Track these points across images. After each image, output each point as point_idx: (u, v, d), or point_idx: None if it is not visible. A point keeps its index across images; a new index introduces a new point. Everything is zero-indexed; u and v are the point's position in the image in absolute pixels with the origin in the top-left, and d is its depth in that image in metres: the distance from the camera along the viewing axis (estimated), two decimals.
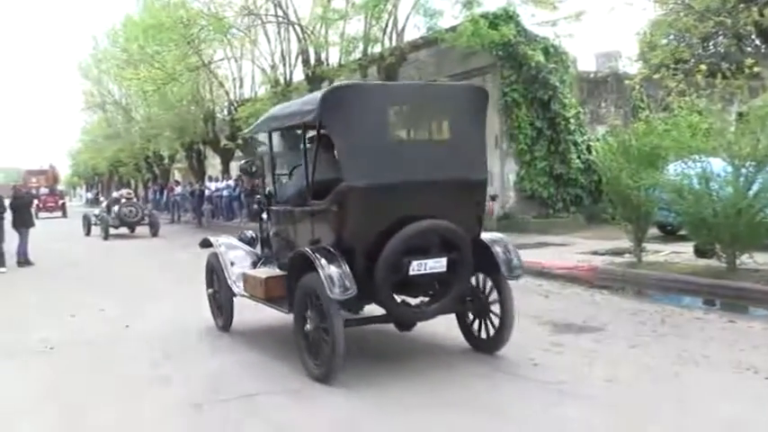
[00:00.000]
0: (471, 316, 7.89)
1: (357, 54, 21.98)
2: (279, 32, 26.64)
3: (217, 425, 5.88)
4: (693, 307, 10.09)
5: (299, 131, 7.78)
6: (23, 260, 18.22)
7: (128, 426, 5.98)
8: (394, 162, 6.85)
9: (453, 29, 18.88)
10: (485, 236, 7.52)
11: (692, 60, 16.42)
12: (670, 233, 15.60)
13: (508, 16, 19.70)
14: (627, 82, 21.18)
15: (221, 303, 9.31)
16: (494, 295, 7.55)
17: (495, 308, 7.51)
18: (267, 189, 9.07)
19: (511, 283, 7.44)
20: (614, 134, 15.13)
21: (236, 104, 31.47)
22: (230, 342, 8.72)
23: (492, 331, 7.60)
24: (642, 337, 8.20)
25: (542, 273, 13.01)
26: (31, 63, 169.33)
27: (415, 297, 7.48)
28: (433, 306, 7.26)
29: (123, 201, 28.07)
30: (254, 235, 9.51)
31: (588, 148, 20.10)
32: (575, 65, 21.37)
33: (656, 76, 15.24)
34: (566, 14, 19.21)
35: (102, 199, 42.97)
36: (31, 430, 5.96)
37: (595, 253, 14.31)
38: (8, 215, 18.31)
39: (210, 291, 9.61)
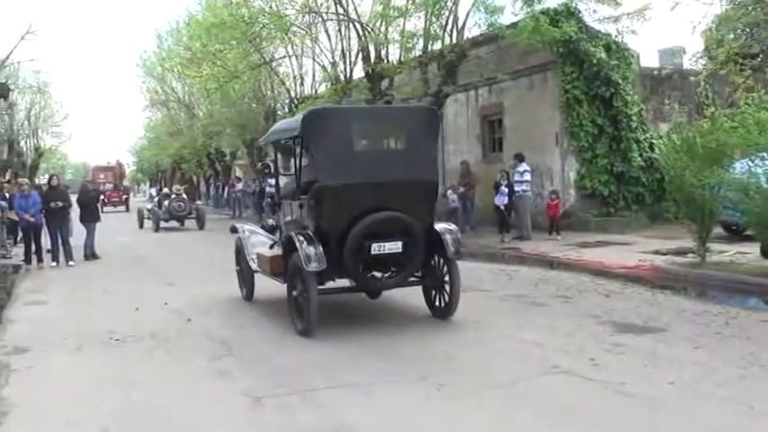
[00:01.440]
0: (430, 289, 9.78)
1: (417, 51, 21.93)
2: (339, 30, 26.70)
3: (276, 418, 5.93)
4: (759, 309, 9.85)
5: (292, 143, 9.87)
6: (90, 254, 18.66)
7: (188, 417, 6.06)
8: (358, 167, 8.94)
9: (514, 25, 18.71)
10: (438, 226, 9.41)
11: (761, 55, 15.99)
12: (735, 233, 15.24)
13: (569, 13, 19.44)
14: (691, 78, 20.82)
15: (245, 278, 11.61)
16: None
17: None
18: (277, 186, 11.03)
19: (570, 282, 8.86)
20: (678, 131, 14.85)
21: (296, 102, 31.60)
22: (291, 339, 8.78)
23: (444, 301, 9.51)
24: (705, 339, 8.03)
25: (603, 272, 12.85)
26: (97, 60, 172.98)
27: (383, 272, 9.35)
28: (391, 279, 9.32)
29: (173, 196, 30.07)
30: (273, 223, 11.34)
31: (651, 146, 19.78)
32: (637, 61, 20.99)
33: (722, 72, 14.91)
34: (629, 10, 18.91)
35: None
36: (95, 419, 6.09)
37: (657, 252, 14.06)
38: (76, 210, 18.77)
39: (237, 268, 12.07)
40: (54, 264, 17.43)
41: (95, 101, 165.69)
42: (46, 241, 17.77)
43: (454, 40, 20.76)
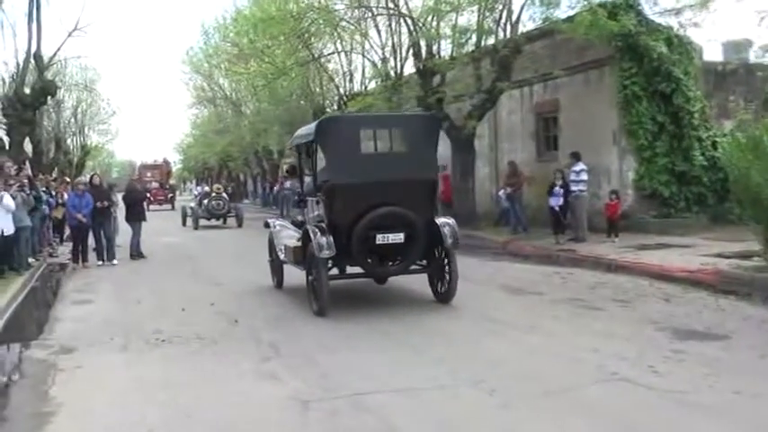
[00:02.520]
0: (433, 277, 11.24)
1: (470, 46, 21.87)
2: (390, 25, 26.74)
3: (324, 423, 5.96)
4: None
5: (310, 147, 11.45)
6: (136, 253, 18.97)
7: (235, 421, 6.12)
8: (364, 167, 10.58)
9: (570, 19, 18.52)
10: (438, 220, 10.89)
11: None
12: None
13: (628, 5, 19.16)
14: (758, 73, 20.39)
15: (275, 268, 13.29)
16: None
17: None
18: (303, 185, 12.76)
19: (627, 286, 10.39)
20: (743, 129, 14.55)
21: (346, 99, 31.75)
22: (339, 342, 8.84)
23: (445, 287, 10.95)
24: None
25: (662, 275, 12.65)
26: (144, 57, 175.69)
27: (390, 261, 10.85)
28: (394, 267, 10.88)
29: (213, 195, 31.92)
30: (302, 219, 12.62)
31: (713, 145, 19.40)
32: (700, 55, 20.61)
33: None
34: (691, 2, 18.58)
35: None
36: (142, 422, 6.19)
37: (720, 256, 13.79)
38: (121, 208, 19.12)
39: (269, 259, 13.63)
40: (100, 263, 17.79)
41: (142, 98, 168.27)
42: (91, 241, 18.14)
43: (508, 35, 20.67)
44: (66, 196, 20.12)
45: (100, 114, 53.75)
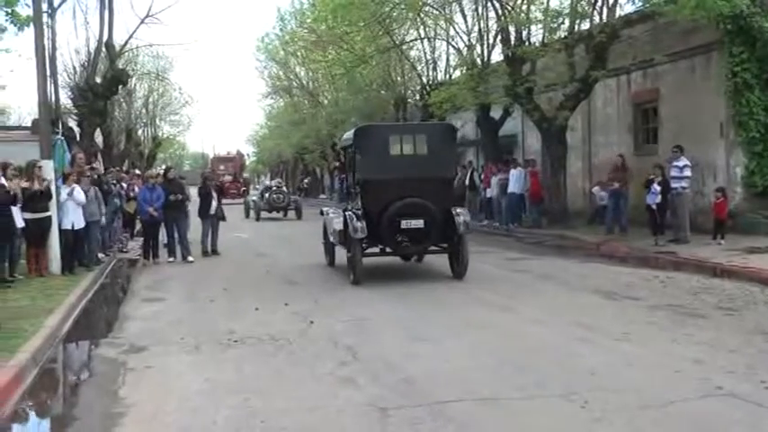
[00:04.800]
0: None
1: (562, 32, 21.63)
2: (476, 10, 26.64)
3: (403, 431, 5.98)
4: None
5: (350, 149, 15.15)
6: (211, 250, 19.27)
7: (310, 427, 6.18)
8: (392, 166, 14.01)
9: (673, 0, 18.14)
10: (453, 210, 14.03)
11: None
12: None
13: None
14: None
15: (328, 249, 16.58)
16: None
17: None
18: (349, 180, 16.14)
19: (735, 293, 10.93)
20: None
21: (428, 88, 31.75)
22: (421, 347, 8.85)
23: (458, 265, 14.14)
24: None
25: None
26: (218, 45, 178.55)
27: (414, 243, 13.93)
28: (417, 247, 14.22)
29: (273, 188, 35.76)
30: (350, 208, 15.15)
31: None
32: None
33: None
34: None
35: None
36: (212, 427, 6.29)
37: None
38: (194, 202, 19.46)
39: (323, 241, 16.78)
40: (171, 259, 18.16)
41: (215, 88, 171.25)
42: (163, 236, 18.54)
43: (604, 19, 20.37)
44: (137, 189, 20.60)
45: (172, 104, 54.66)
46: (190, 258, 18.22)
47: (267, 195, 35.04)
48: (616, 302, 11.40)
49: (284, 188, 37.04)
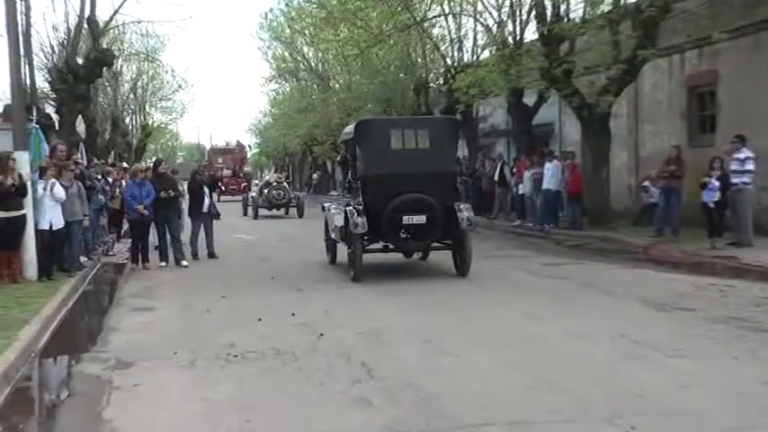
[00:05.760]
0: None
1: (606, 6, 21.55)
2: None
3: None
4: None
5: (351, 143, 16.52)
6: (208, 252, 19.31)
7: None
8: (393, 161, 15.24)
9: None
10: (456, 205, 15.22)
11: None
12: None
13: None
14: None
15: (329, 246, 17.99)
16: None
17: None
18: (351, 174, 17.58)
19: None
20: None
21: (453, 71, 31.67)
22: (444, 363, 8.85)
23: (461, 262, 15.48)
24: None
25: None
26: (215, 22, 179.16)
27: (416, 239, 15.31)
28: (419, 243, 15.67)
29: (274, 184, 36.65)
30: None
31: None
32: None
33: None
34: None
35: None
36: None
37: None
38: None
39: (325, 238, 18.28)
40: (163, 263, 18.18)
41: (213, 71, 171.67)
42: (153, 237, 18.56)
43: None
44: (124, 185, 20.58)
45: (163, 89, 54.63)
46: (184, 263, 18.26)
47: (266, 192, 35.98)
48: (667, 314, 11.35)
49: (285, 184, 37.95)
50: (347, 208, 15.87)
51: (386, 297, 13.21)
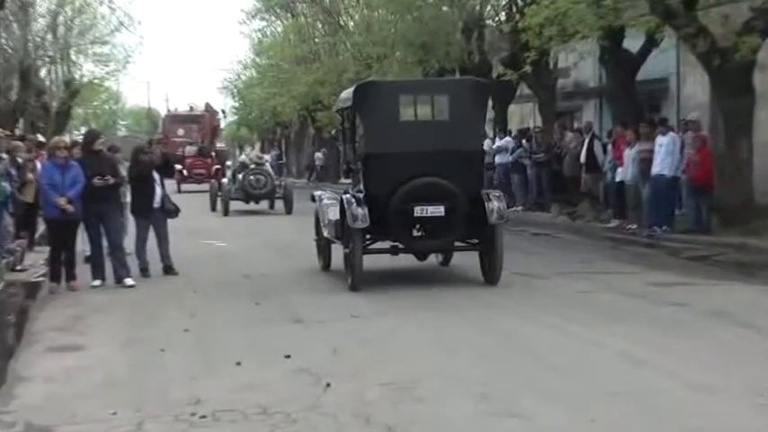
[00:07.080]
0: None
1: None
2: None
3: None
4: None
5: (349, 113, 17.84)
6: (163, 266, 19.28)
7: None
8: (403, 136, 16.35)
9: None
10: (484, 193, 16.40)
11: None
12: None
13: None
14: None
15: (321, 247, 19.22)
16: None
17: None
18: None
19: None
20: None
21: (519, 4, 31.59)
22: (505, 429, 8.84)
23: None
24: None
25: None
26: None
27: (431, 237, 16.58)
28: (435, 242, 16.75)
29: (252, 167, 36.75)
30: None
31: None
32: None
33: None
34: None
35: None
36: None
37: None
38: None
39: (315, 237, 19.63)
40: (97, 282, 18.11)
41: (169, 2, 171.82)
42: (83, 244, 18.53)
43: None
44: (39, 167, 20.48)
45: (97, 28, 54.04)
46: (128, 281, 18.15)
47: (241, 177, 36.04)
48: None
49: (267, 166, 37.94)
50: (344, 196, 16.75)
51: (416, 327, 13.26)
